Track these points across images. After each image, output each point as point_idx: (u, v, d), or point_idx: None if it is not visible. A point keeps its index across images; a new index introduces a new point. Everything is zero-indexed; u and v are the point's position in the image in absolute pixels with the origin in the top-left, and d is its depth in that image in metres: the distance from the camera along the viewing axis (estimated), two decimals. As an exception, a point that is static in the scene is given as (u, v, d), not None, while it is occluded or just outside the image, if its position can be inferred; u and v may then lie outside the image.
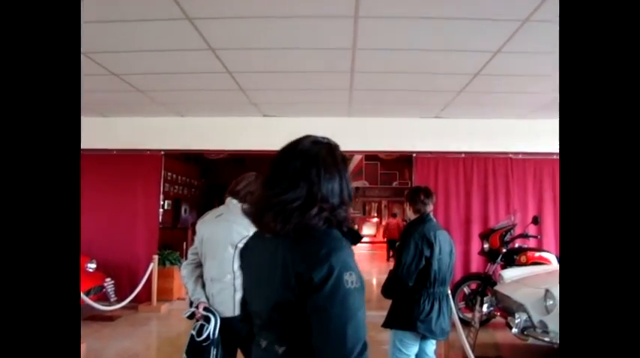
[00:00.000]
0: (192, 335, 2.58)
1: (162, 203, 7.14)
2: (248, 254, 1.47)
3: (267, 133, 6.81)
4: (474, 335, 4.68)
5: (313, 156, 1.34)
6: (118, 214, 6.83)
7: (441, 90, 5.52)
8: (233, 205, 2.66)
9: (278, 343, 1.29)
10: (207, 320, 2.56)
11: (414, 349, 3.04)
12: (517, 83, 5.16)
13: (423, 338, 3.06)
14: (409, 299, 2.95)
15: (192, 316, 2.65)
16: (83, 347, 4.82)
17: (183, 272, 2.80)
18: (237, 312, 2.53)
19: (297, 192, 1.28)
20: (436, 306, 2.92)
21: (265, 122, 6.83)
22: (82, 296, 5.09)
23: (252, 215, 1.38)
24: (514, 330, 4.28)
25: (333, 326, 1.17)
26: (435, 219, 3.30)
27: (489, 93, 5.56)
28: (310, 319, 1.20)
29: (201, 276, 2.73)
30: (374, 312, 3.74)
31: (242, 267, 1.50)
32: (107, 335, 5.51)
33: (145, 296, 6.66)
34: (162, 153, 7.00)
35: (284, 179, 1.31)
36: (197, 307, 2.63)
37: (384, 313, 3.18)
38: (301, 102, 6.15)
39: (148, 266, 6.65)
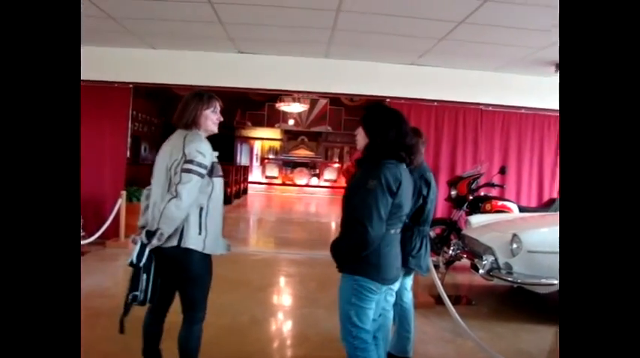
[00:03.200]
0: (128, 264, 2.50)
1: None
2: (403, 181, 2.29)
3: (241, 70, 6.69)
4: (441, 277, 4.94)
5: None
6: (84, 149, 6.46)
7: (424, 37, 5.50)
8: (179, 133, 2.61)
9: (402, 227, 2.47)
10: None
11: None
12: (501, 35, 5.20)
13: (406, 274, 3.21)
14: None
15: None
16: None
17: (142, 196, 2.79)
18: (175, 242, 2.47)
19: None
20: (424, 243, 3.07)
21: (240, 59, 6.65)
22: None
23: (408, 154, 2.36)
24: (481, 271, 4.52)
25: None
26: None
27: (470, 43, 5.59)
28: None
29: None
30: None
31: (401, 190, 2.27)
32: (77, 269, 5.45)
33: (112, 232, 6.57)
34: (131, 86, 6.71)
35: (408, 135, 2.39)
36: (140, 232, 2.58)
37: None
38: (280, 40, 5.99)
39: (114, 202, 6.53)
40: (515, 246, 4.38)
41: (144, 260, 2.44)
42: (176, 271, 2.57)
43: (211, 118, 2.64)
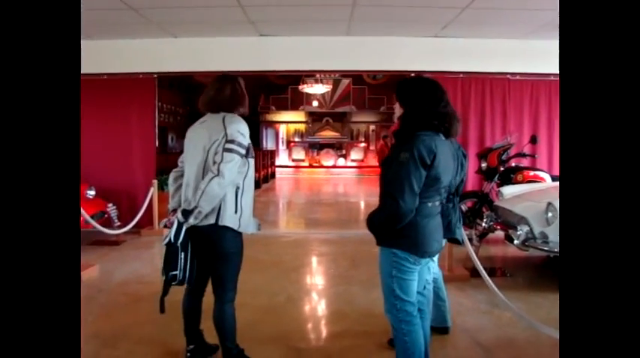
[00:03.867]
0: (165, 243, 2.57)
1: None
2: (439, 153, 2.21)
3: (263, 53, 6.67)
4: (475, 249, 4.89)
5: None
6: (114, 141, 6.73)
7: (446, 7, 5.37)
8: (213, 115, 2.66)
9: (442, 199, 2.40)
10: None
11: None
12: (524, -2, 5.04)
13: None
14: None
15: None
16: (96, 268, 4.95)
17: (169, 179, 2.84)
18: (212, 220, 2.52)
19: None
20: (459, 213, 3.03)
21: (261, 42, 6.63)
22: (90, 219, 5.13)
23: (442, 122, 2.27)
24: (516, 242, 4.45)
25: None
26: None
27: (494, 10, 5.42)
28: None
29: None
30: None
31: (437, 161, 2.21)
32: (115, 258, 5.61)
33: (146, 221, 6.71)
34: (156, 76, 6.79)
35: (442, 102, 2.31)
36: (172, 214, 2.66)
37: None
38: (301, 20, 5.94)
39: (147, 191, 6.66)
40: (550, 214, 4.29)
41: (181, 238, 2.51)
42: (209, 248, 2.62)
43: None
